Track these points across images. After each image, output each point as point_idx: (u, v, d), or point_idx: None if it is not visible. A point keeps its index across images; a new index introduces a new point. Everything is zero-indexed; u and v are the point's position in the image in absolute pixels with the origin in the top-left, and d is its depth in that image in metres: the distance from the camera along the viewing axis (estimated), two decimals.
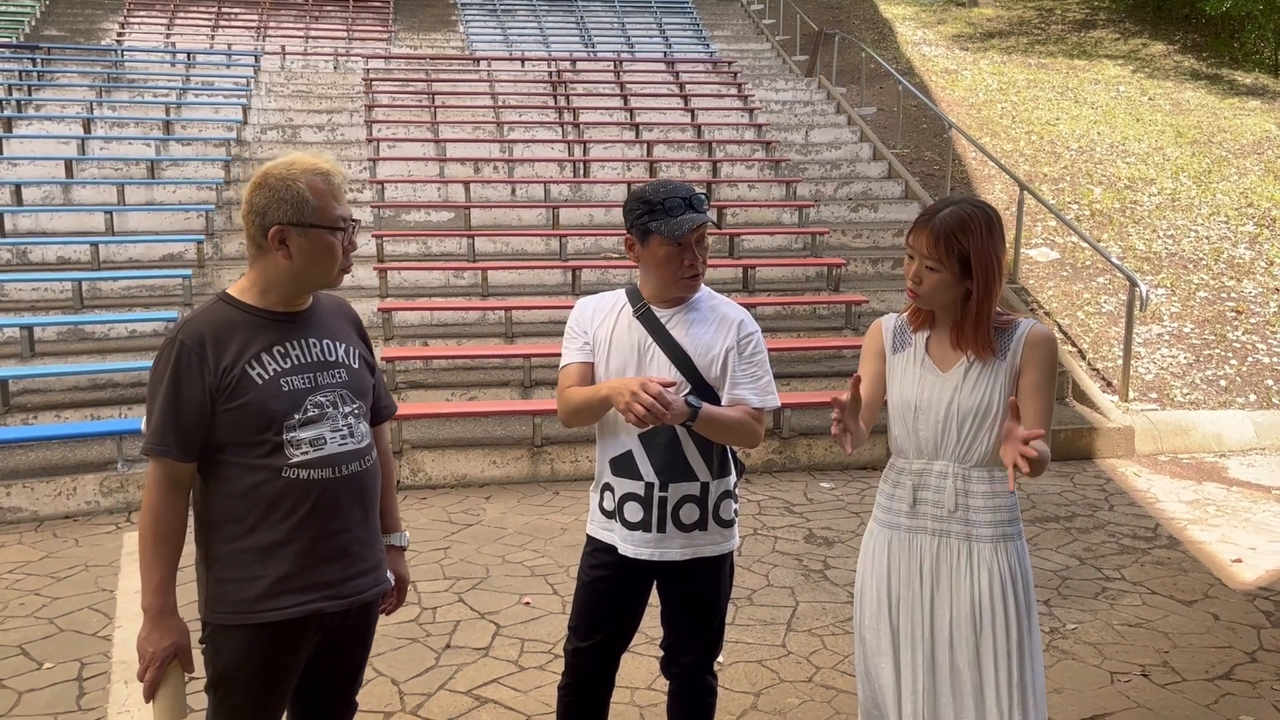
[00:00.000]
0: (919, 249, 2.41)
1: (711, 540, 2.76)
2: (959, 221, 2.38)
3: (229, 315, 2.26)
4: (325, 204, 2.25)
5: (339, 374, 2.35)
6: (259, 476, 2.22)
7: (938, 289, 2.41)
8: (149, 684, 2.20)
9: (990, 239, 2.39)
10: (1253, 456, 7.72)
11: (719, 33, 18.66)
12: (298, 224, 2.22)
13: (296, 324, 2.32)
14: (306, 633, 2.30)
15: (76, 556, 5.52)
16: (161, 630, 2.19)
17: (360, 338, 2.49)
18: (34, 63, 14.04)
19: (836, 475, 7.16)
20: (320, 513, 2.26)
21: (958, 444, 2.46)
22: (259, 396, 2.21)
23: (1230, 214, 11.24)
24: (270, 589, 2.23)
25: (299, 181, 2.22)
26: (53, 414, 7.05)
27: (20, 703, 3.91)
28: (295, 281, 2.29)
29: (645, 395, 2.47)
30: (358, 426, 2.35)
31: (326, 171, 2.27)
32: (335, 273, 2.32)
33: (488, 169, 11.58)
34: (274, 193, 2.22)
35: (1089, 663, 4.29)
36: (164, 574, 2.20)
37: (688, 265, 2.68)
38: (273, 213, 2.22)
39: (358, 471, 2.34)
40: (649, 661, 4.12)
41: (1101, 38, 18.71)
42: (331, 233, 2.26)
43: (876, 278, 10.10)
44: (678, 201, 2.65)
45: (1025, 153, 12.69)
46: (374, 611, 2.48)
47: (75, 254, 9.24)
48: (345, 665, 2.46)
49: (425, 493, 6.74)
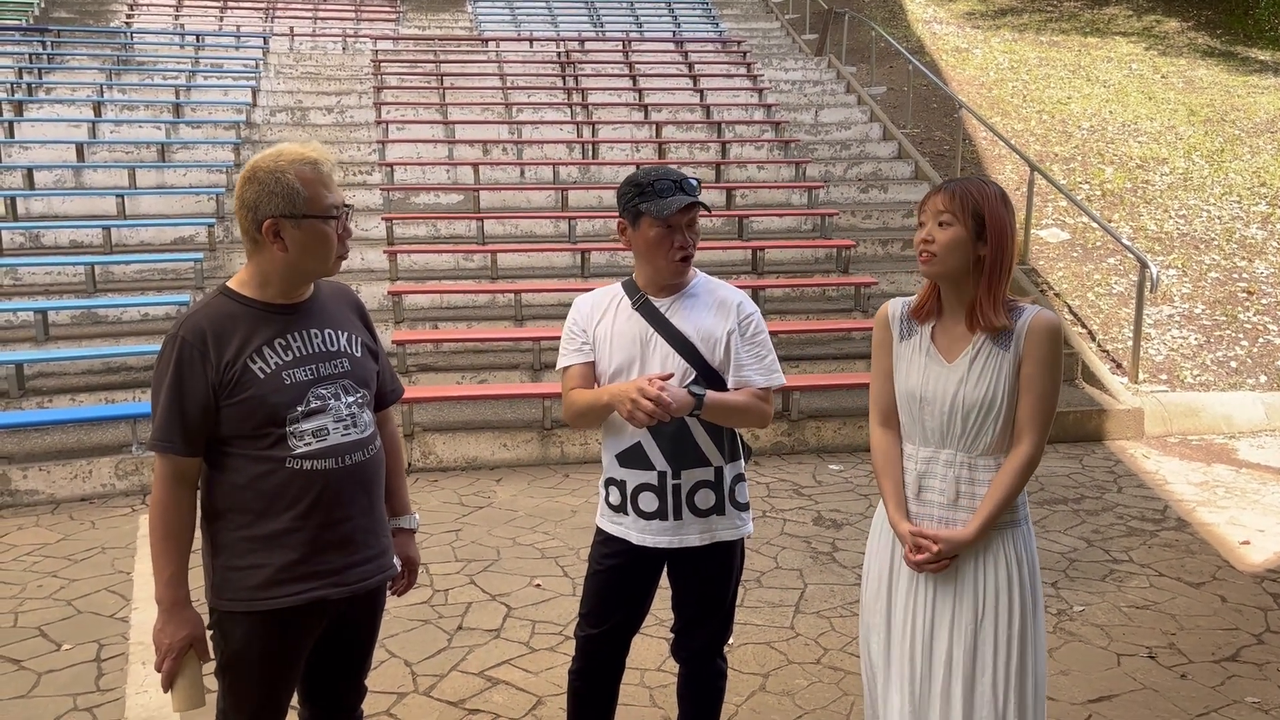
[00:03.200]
0: (934, 206, 2.41)
1: (729, 524, 2.79)
2: (975, 185, 2.42)
3: (229, 309, 2.26)
4: (316, 193, 2.23)
5: (341, 364, 2.35)
6: (263, 468, 2.24)
7: (951, 249, 2.38)
8: (166, 674, 2.24)
9: (1004, 209, 2.42)
10: (1263, 438, 7.71)
11: (728, 12, 18.55)
12: (290, 216, 2.21)
13: (298, 315, 2.32)
14: (311, 619, 2.32)
15: (93, 539, 5.59)
16: (176, 622, 2.23)
17: (364, 323, 2.50)
18: (44, 45, 14.04)
19: (845, 458, 7.18)
20: (324, 502, 2.28)
21: (963, 434, 2.47)
22: (261, 391, 2.22)
23: (1243, 194, 11.17)
24: (274, 577, 2.25)
25: (288, 173, 2.21)
26: (67, 397, 7.11)
27: (39, 684, 3.97)
28: (293, 273, 2.28)
29: (645, 401, 2.49)
30: (361, 416, 2.36)
31: (315, 159, 2.25)
32: (332, 261, 2.31)
33: (496, 150, 11.57)
34: (264, 186, 2.20)
35: (1096, 644, 4.31)
36: (175, 567, 2.23)
37: (678, 246, 2.68)
38: (264, 206, 2.20)
39: (361, 461, 2.35)
40: (659, 643, 4.16)
41: (1115, 15, 18.54)
42: (325, 221, 2.25)
43: (886, 259, 10.08)
44: (668, 184, 2.66)
45: (1036, 132, 12.61)
46: (380, 597, 2.50)
47: (87, 237, 9.28)
48: (352, 650, 2.49)
49: (436, 475, 6.79)
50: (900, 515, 2.53)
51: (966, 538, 2.43)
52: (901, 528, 2.51)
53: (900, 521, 2.52)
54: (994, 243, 2.39)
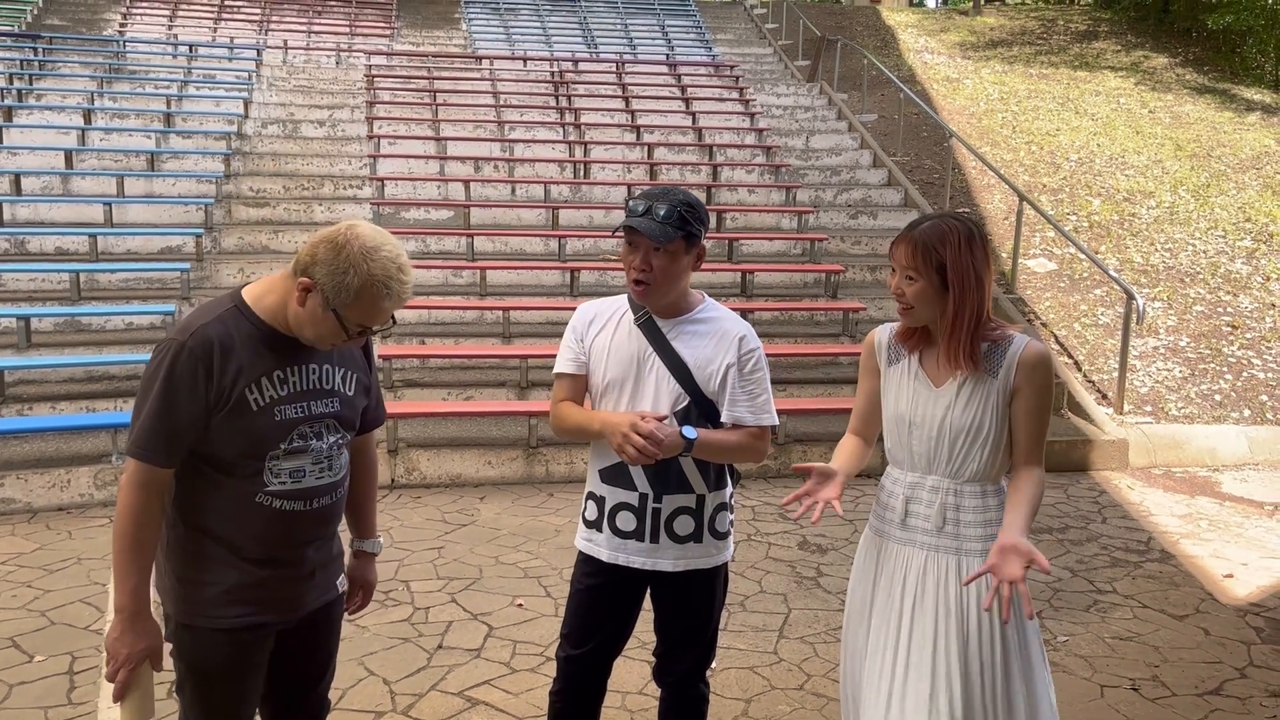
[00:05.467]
0: (899, 260, 2.45)
1: (705, 553, 2.75)
2: (937, 233, 2.41)
3: (239, 327, 2.21)
4: (363, 307, 2.14)
5: (332, 404, 2.32)
6: (231, 495, 2.22)
7: (920, 301, 2.43)
8: (120, 685, 2.19)
9: (969, 251, 2.40)
10: (1246, 471, 7.74)
11: (721, 36, 18.67)
12: (325, 300, 2.14)
13: (301, 348, 2.27)
14: (264, 637, 2.31)
15: (69, 549, 5.51)
16: (136, 632, 2.18)
17: (364, 354, 2.46)
18: (35, 52, 14.01)
19: None
20: (287, 540, 2.28)
21: (950, 460, 2.47)
22: (252, 423, 2.19)
23: (1228, 228, 11.26)
24: (221, 596, 2.24)
25: (361, 274, 2.11)
26: (48, 405, 7.03)
27: (10, 695, 3.90)
28: (291, 323, 2.23)
29: (636, 438, 2.48)
30: (338, 459, 2.35)
31: (402, 282, 2.15)
32: (325, 348, 2.27)
33: (488, 168, 11.58)
34: (337, 265, 2.11)
35: (1079, 675, 4.29)
36: (140, 577, 2.18)
37: (634, 267, 2.62)
38: (319, 272, 2.13)
39: (329, 504, 2.34)
40: (641, 666, 4.12)
41: (1103, 49, 18.74)
42: (343, 329, 2.18)
43: (875, 285, 10.11)
44: (640, 203, 2.62)
45: (1025, 163, 12.71)
46: (336, 607, 2.48)
47: (74, 245, 9.23)
48: (310, 661, 2.47)
49: (420, 491, 6.74)
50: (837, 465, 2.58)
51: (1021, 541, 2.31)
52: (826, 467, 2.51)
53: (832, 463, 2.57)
54: (956, 294, 2.40)
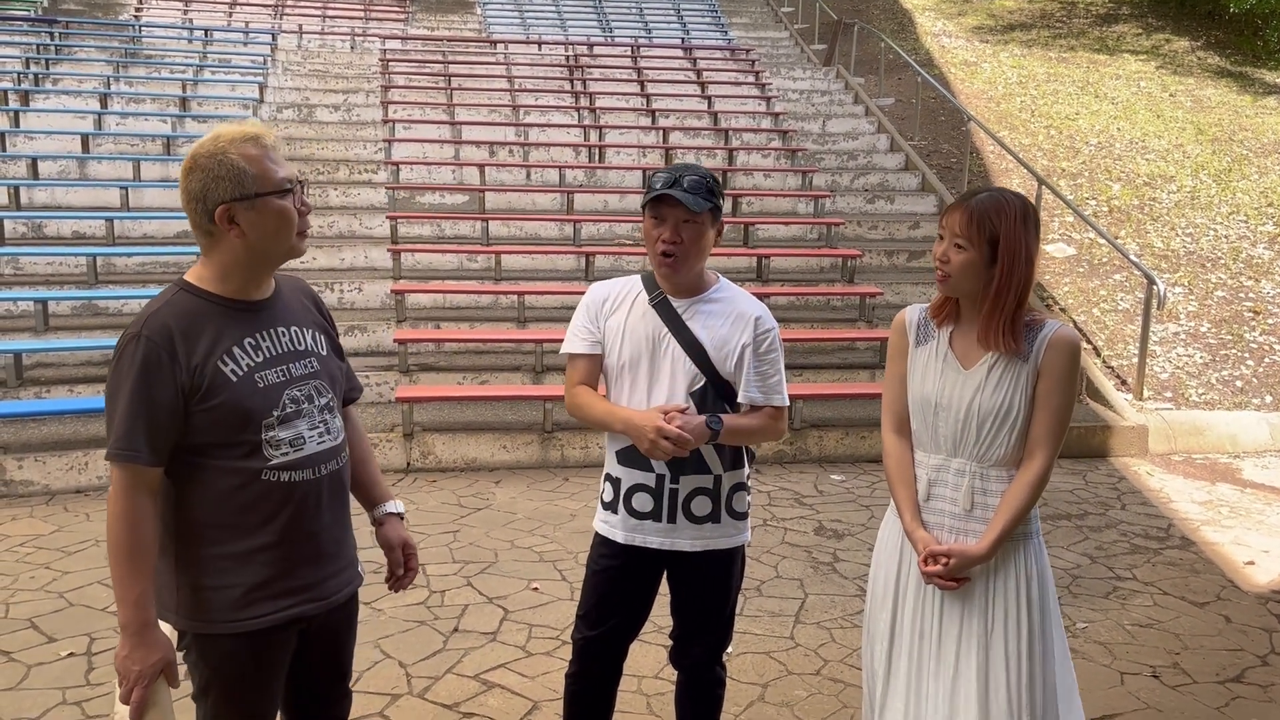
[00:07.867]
0: (951, 226, 2.39)
1: (724, 533, 2.74)
2: (994, 204, 2.37)
3: (193, 306, 2.11)
4: (264, 169, 2.09)
5: (310, 364, 2.24)
6: (236, 480, 2.11)
7: (964, 272, 2.38)
8: (136, 704, 2.05)
9: (1023, 227, 2.36)
10: (1268, 458, 7.66)
11: (737, 20, 18.54)
12: (242, 198, 2.07)
13: (264, 312, 2.19)
14: (289, 635, 2.23)
15: (87, 531, 5.54)
16: (147, 647, 2.05)
17: (323, 316, 2.38)
18: (52, 36, 14.03)
19: (847, 467, 7.13)
20: (299, 515, 2.18)
21: (977, 443, 2.43)
22: (234, 395, 2.09)
23: (1250, 213, 11.13)
24: (247, 596, 2.14)
25: (230, 153, 2.07)
26: (65, 388, 7.06)
27: (29, 676, 3.92)
28: (256, 259, 2.14)
29: (664, 442, 2.51)
30: (333, 422, 2.27)
31: (256, 135, 2.11)
32: (294, 238, 2.16)
33: (503, 152, 11.54)
34: (207, 172, 2.07)
35: (1099, 662, 4.26)
36: (143, 587, 2.05)
37: (660, 240, 2.61)
38: (213, 193, 2.07)
39: (335, 470, 2.26)
40: (657, 650, 4.10)
41: (1124, 32, 18.53)
42: (280, 197, 2.11)
43: (892, 270, 10.05)
44: (666, 177, 2.60)
45: (1044, 147, 12.58)
46: (354, 603, 2.42)
47: (90, 229, 9.25)
48: (332, 659, 2.40)
49: (435, 475, 6.74)
50: (916, 524, 2.49)
51: (980, 553, 2.39)
52: (917, 535, 2.47)
53: (916, 529, 2.48)
54: (1004, 267, 2.35)
